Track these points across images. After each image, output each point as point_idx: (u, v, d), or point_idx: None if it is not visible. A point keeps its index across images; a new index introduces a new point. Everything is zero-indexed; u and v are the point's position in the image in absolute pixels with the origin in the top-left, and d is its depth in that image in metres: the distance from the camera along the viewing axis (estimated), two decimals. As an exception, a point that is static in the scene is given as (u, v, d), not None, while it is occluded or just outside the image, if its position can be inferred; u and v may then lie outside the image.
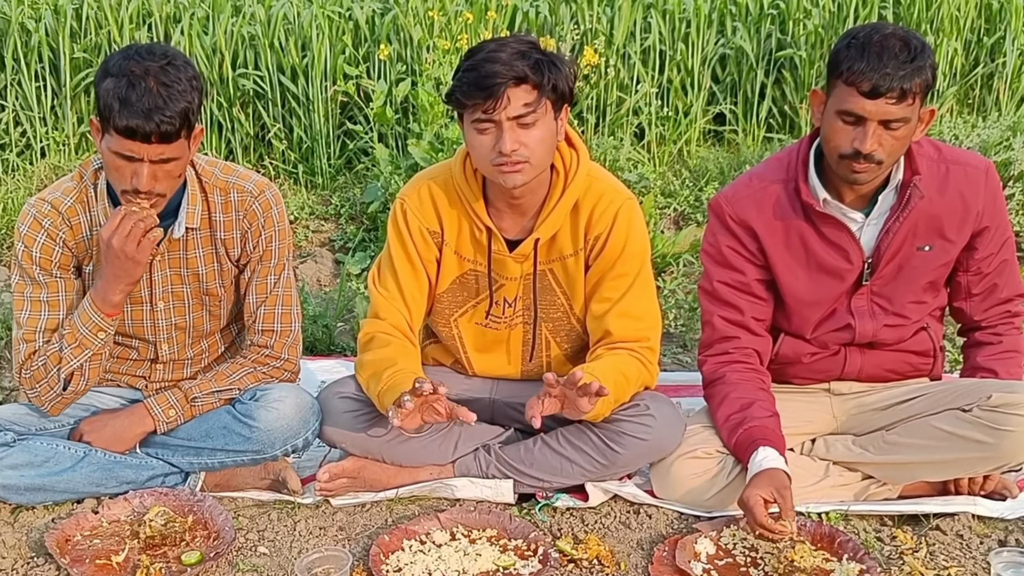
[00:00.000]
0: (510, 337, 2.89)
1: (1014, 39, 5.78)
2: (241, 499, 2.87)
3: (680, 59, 5.75)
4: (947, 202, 2.66)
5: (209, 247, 2.82)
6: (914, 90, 2.45)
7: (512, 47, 2.51)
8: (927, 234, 2.69)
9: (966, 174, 2.68)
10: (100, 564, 2.54)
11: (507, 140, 2.51)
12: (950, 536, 2.62)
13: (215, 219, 2.80)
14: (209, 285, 2.85)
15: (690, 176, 5.32)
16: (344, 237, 5.05)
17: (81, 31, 5.81)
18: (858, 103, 2.47)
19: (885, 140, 2.49)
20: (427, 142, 4.84)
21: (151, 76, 2.46)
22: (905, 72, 2.43)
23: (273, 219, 2.83)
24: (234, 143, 5.69)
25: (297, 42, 5.63)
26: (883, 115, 2.46)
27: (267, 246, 2.84)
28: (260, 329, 2.88)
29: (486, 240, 2.75)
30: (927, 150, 2.68)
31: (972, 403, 2.62)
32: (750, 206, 2.75)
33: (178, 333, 2.90)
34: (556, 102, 2.56)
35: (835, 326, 2.80)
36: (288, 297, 2.89)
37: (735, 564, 2.52)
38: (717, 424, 2.76)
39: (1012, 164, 4.74)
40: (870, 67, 2.44)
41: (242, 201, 2.80)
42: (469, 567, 2.51)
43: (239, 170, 2.86)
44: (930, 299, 2.80)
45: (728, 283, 2.79)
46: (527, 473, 2.81)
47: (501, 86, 2.46)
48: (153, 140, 2.46)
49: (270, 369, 2.89)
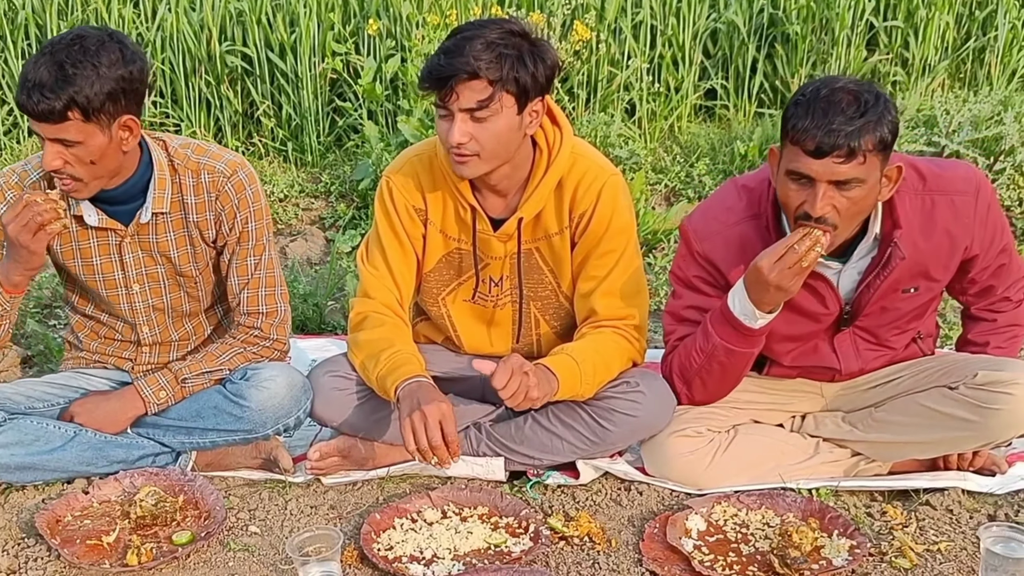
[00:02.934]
0: (499, 316, 2.88)
1: (1006, 13, 5.75)
2: (232, 478, 2.88)
3: (671, 34, 5.71)
4: (933, 245, 2.54)
5: (181, 230, 2.80)
6: (865, 147, 2.27)
7: (484, 37, 2.46)
8: (912, 279, 2.59)
9: (953, 205, 2.53)
10: (91, 545, 2.54)
11: (455, 132, 2.49)
12: (940, 511, 2.63)
13: (187, 202, 2.77)
14: (182, 267, 2.84)
15: (681, 152, 5.30)
16: (334, 215, 5.04)
17: (68, 8, 5.75)
18: (804, 163, 2.31)
19: (839, 202, 2.34)
20: (417, 119, 4.82)
21: (49, 55, 2.45)
22: (853, 128, 2.26)
23: (247, 200, 2.80)
24: (223, 120, 5.65)
25: (285, 18, 5.58)
26: (831, 175, 2.30)
27: (243, 227, 2.81)
28: (246, 311, 2.86)
29: (471, 219, 2.73)
30: (911, 180, 2.52)
31: (958, 381, 2.61)
32: (719, 246, 2.62)
33: (157, 314, 2.89)
34: (520, 96, 2.51)
35: (819, 363, 2.76)
36: (271, 278, 2.88)
37: (726, 540, 2.53)
38: (687, 364, 2.68)
39: (1003, 139, 4.72)
40: (814, 124, 2.27)
41: (213, 182, 2.77)
42: (460, 545, 2.51)
43: (212, 150, 2.82)
44: (917, 324, 2.75)
45: (697, 307, 2.70)
46: (518, 451, 2.81)
47: (449, 79, 2.44)
48: (39, 118, 2.46)
49: (260, 349, 2.88)
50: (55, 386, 2.93)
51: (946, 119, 4.90)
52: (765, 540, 2.51)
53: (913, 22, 5.79)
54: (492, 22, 2.54)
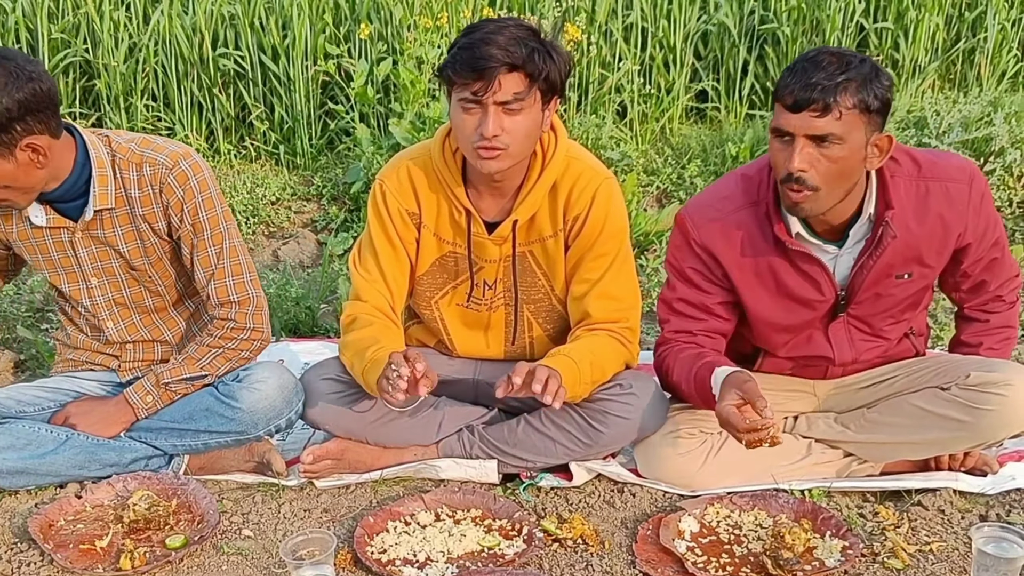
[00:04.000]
0: (492, 319, 2.88)
1: (995, 14, 5.78)
2: (225, 482, 2.87)
3: (662, 36, 5.73)
4: (926, 229, 2.56)
5: (128, 225, 2.78)
6: (842, 104, 2.30)
7: (511, 31, 2.47)
8: (905, 263, 2.60)
9: (947, 192, 2.54)
10: (84, 549, 2.53)
11: (490, 124, 2.49)
12: (932, 512, 2.64)
13: (132, 195, 2.75)
14: (133, 261, 2.82)
15: (673, 154, 5.31)
16: (326, 218, 5.04)
17: (59, 11, 5.74)
18: (784, 118, 2.37)
19: (818, 163, 2.37)
20: (408, 122, 4.82)
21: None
22: (831, 84, 2.30)
23: (193, 190, 2.75)
24: (215, 124, 5.65)
25: (278, 21, 5.58)
26: (808, 129, 2.33)
27: (194, 219, 2.77)
28: (217, 303, 2.83)
29: (465, 222, 2.74)
30: (906, 166, 2.54)
31: (950, 381, 2.62)
32: (716, 233, 2.64)
33: (120, 309, 2.90)
34: (546, 93, 2.54)
35: (813, 352, 2.77)
36: (237, 266, 2.84)
37: (719, 542, 2.54)
38: (677, 389, 2.72)
39: (993, 140, 4.74)
40: (795, 80, 2.34)
41: (155, 175, 2.73)
42: (454, 548, 2.51)
43: (157, 142, 2.79)
44: (911, 315, 2.77)
45: (690, 300, 2.73)
46: (511, 453, 2.81)
47: (495, 70, 2.44)
48: None
49: (238, 343, 2.85)
50: (46, 390, 2.93)
51: (936, 120, 4.92)
52: (758, 541, 2.52)
53: (903, 23, 5.81)
54: (510, 21, 2.54)
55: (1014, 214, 4.67)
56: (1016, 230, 4.60)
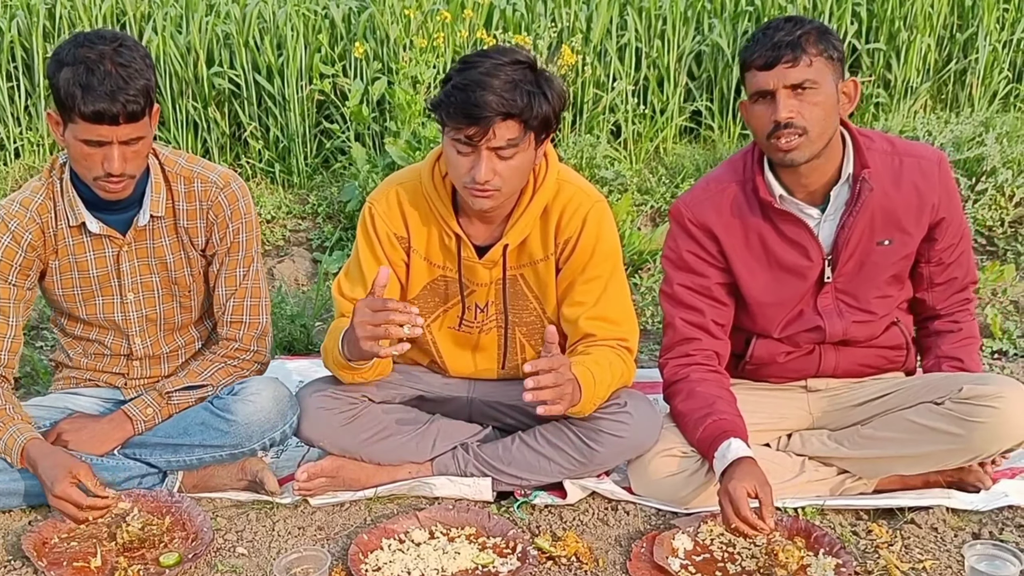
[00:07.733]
0: (484, 341, 2.88)
1: (986, 35, 5.83)
2: (219, 500, 2.87)
3: (656, 56, 5.76)
4: (903, 195, 2.69)
5: (174, 236, 2.84)
6: (808, 50, 2.50)
7: (507, 73, 2.44)
8: (885, 228, 2.71)
9: (920, 166, 2.70)
10: (78, 567, 2.53)
11: (483, 169, 2.48)
12: (925, 529, 2.65)
13: (178, 208, 2.81)
14: (177, 274, 2.87)
15: (667, 173, 5.33)
16: (321, 236, 5.05)
17: (55, 30, 5.77)
18: (760, 79, 2.53)
19: (803, 108, 2.52)
20: (404, 141, 4.84)
21: (107, 59, 2.48)
22: (792, 37, 2.50)
23: (240, 211, 2.85)
24: (210, 142, 5.67)
25: (272, 40, 5.61)
26: (785, 80, 2.51)
27: (234, 238, 2.86)
28: (229, 321, 2.90)
29: (455, 247, 2.74)
30: (880, 144, 2.71)
31: (944, 396, 2.64)
32: (709, 209, 2.76)
33: (149, 325, 2.92)
34: (539, 132, 2.53)
35: (805, 327, 2.81)
36: (257, 289, 2.92)
37: (713, 559, 2.54)
38: (680, 419, 2.76)
39: (984, 160, 4.77)
40: (760, 45, 2.53)
41: (206, 191, 2.82)
42: (448, 565, 2.51)
43: (203, 161, 2.89)
44: (895, 292, 2.82)
45: (689, 286, 2.80)
46: (505, 471, 2.81)
47: (490, 119, 2.42)
48: (121, 121, 2.50)
49: (240, 362, 2.91)
50: (42, 408, 2.93)
51: (928, 140, 4.94)
52: (752, 559, 2.52)
53: (895, 44, 5.86)
54: (506, 58, 2.49)
55: (1006, 234, 4.69)
56: (1008, 249, 4.62)
